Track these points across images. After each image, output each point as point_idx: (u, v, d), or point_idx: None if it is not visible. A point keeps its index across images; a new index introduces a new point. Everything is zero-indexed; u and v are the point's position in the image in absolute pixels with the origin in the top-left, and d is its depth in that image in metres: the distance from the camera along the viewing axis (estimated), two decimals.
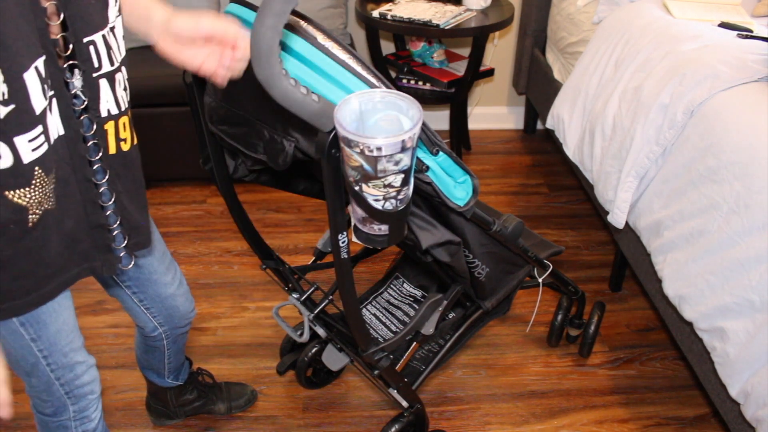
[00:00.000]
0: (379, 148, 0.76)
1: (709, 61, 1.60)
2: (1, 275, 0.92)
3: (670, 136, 1.59)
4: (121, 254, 1.06)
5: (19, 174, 0.86)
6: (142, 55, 2.48)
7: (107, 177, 0.99)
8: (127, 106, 1.01)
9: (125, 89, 1.00)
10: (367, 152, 0.77)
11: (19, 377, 1.12)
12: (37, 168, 0.88)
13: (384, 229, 0.89)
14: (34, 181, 0.88)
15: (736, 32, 1.79)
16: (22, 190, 0.87)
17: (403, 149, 0.77)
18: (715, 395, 1.49)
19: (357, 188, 0.84)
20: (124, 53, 0.98)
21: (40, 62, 0.83)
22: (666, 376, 1.86)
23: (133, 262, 1.09)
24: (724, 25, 1.84)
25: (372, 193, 0.84)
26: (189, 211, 2.51)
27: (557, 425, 1.71)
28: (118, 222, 1.03)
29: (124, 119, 1.00)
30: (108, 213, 1.01)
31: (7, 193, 0.86)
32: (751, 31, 1.79)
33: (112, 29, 0.94)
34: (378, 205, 0.85)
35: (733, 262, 1.35)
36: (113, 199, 1.01)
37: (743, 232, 1.34)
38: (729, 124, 1.46)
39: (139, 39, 0.99)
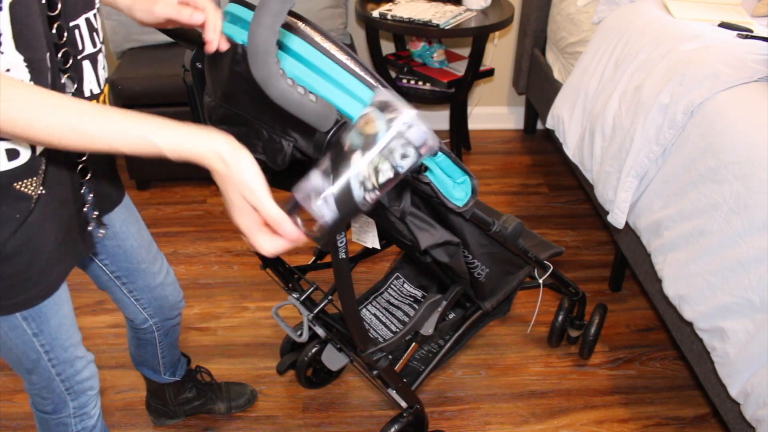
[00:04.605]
0: (410, 125, 0.77)
1: (709, 61, 1.60)
2: (7, 269, 0.93)
3: (670, 136, 1.59)
4: (91, 227, 1.09)
5: (32, 167, 0.90)
6: (142, 55, 2.50)
7: (86, 155, 1.02)
8: (104, 82, 1.03)
9: (104, 68, 1.02)
10: (397, 120, 0.77)
11: (19, 375, 1.12)
12: (43, 159, 0.91)
13: (324, 215, 0.82)
14: (40, 171, 0.91)
15: (736, 32, 1.79)
16: (29, 179, 0.90)
17: (417, 148, 0.78)
18: (715, 395, 1.49)
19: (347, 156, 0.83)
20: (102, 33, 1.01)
21: (46, 55, 0.85)
22: (666, 376, 1.86)
23: (103, 231, 1.12)
24: (724, 25, 1.84)
25: (357, 164, 0.80)
26: (189, 211, 2.51)
27: (557, 425, 1.71)
28: (91, 196, 1.06)
29: (103, 97, 1.03)
30: (83, 190, 1.04)
31: (15, 184, 0.89)
32: (751, 31, 1.79)
33: (98, 10, 0.97)
34: (351, 183, 0.81)
35: (733, 262, 1.35)
36: (89, 176, 1.04)
37: (743, 232, 1.34)
38: (729, 124, 1.45)
39: (139, 39, 1.00)
